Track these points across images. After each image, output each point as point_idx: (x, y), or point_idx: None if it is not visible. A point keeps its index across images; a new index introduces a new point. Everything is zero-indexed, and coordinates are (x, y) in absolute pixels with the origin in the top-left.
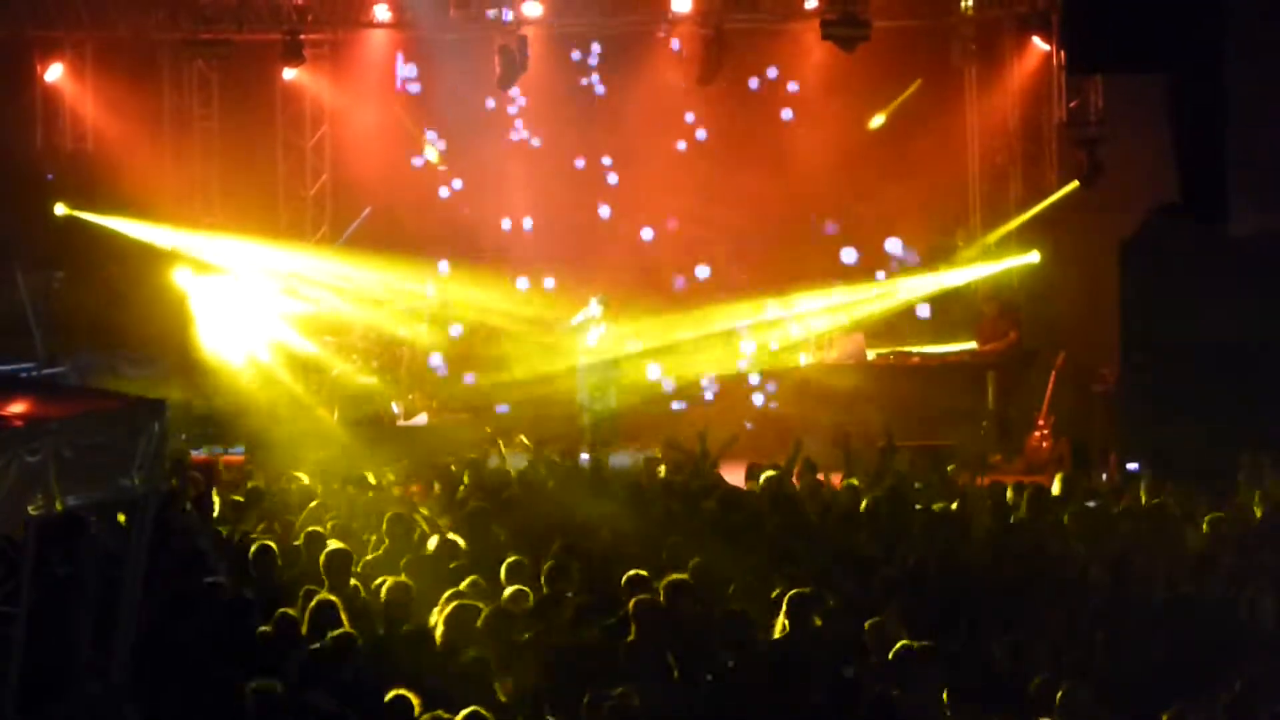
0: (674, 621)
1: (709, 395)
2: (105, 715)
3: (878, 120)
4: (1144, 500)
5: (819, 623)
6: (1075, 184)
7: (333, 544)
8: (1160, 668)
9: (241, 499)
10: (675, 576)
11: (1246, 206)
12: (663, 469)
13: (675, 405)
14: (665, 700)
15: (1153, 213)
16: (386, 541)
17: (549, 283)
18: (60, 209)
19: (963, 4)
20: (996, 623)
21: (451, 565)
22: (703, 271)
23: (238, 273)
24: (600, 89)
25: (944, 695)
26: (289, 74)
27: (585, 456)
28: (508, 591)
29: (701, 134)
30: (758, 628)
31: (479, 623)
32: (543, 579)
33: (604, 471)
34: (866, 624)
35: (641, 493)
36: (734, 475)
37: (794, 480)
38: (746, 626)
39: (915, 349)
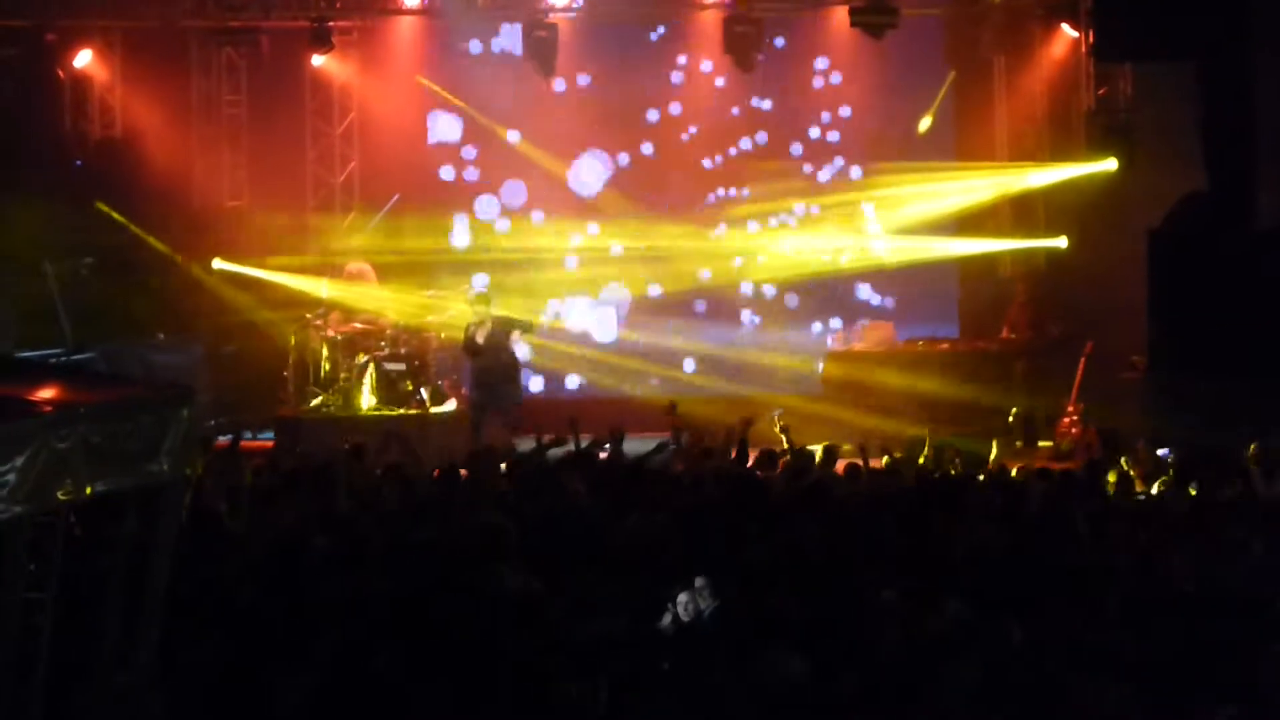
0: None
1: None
2: (131, 704)
3: (925, 123)
4: (1173, 487)
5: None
6: (1113, 159)
7: None
8: (1188, 662)
9: (272, 483)
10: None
11: (1274, 196)
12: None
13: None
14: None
15: (1181, 201)
16: None
17: None
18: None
19: None
20: (1019, 612)
21: None
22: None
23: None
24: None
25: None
26: (317, 61)
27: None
28: None
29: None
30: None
31: None
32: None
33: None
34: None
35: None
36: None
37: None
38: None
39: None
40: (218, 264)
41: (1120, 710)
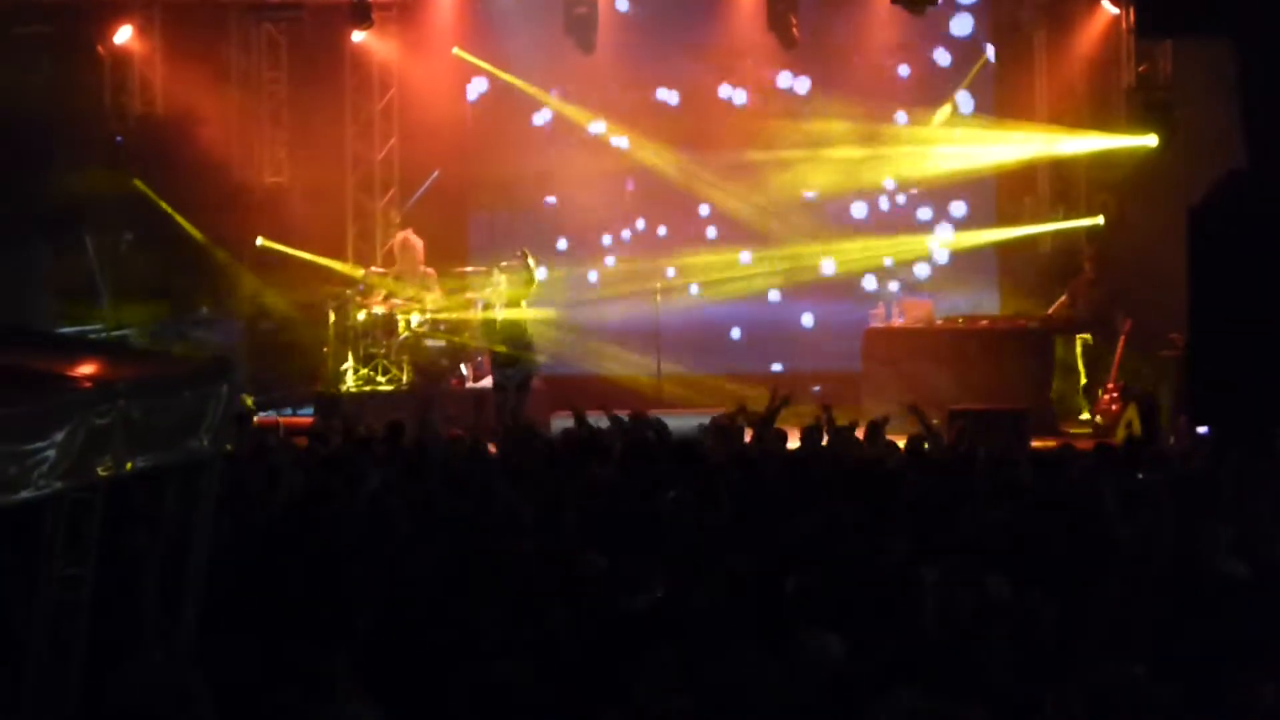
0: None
1: None
2: (170, 681)
3: (943, 113)
4: (1212, 464)
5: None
6: (1153, 135)
7: None
8: (1228, 638)
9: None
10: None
11: None
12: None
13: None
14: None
15: (1222, 179)
16: None
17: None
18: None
19: None
20: (1054, 591)
21: None
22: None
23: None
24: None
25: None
26: (357, 37)
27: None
28: None
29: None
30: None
31: None
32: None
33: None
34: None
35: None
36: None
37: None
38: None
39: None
40: (261, 242)
41: (1158, 687)
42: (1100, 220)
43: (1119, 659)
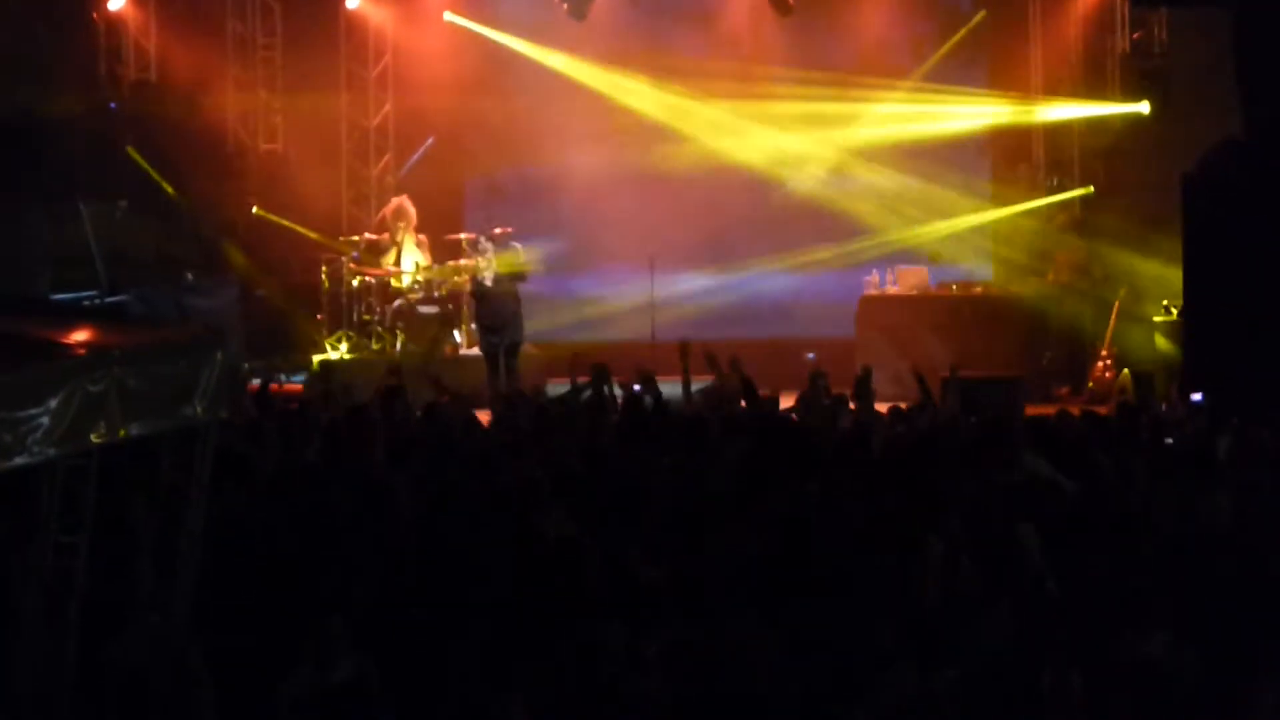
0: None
1: None
2: (165, 648)
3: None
4: (1207, 432)
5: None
6: (1146, 102)
7: None
8: (1230, 612)
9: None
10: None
11: None
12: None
13: None
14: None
15: (1216, 147)
16: None
17: None
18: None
19: None
20: (1054, 562)
21: None
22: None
23: None
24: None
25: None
26: (352, 3)
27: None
28: None
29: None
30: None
31: None
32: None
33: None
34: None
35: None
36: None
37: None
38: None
39: None
40: (256, 210)
41: (1168, 658)
42: (1091, 189)
43: (1131, 632)
